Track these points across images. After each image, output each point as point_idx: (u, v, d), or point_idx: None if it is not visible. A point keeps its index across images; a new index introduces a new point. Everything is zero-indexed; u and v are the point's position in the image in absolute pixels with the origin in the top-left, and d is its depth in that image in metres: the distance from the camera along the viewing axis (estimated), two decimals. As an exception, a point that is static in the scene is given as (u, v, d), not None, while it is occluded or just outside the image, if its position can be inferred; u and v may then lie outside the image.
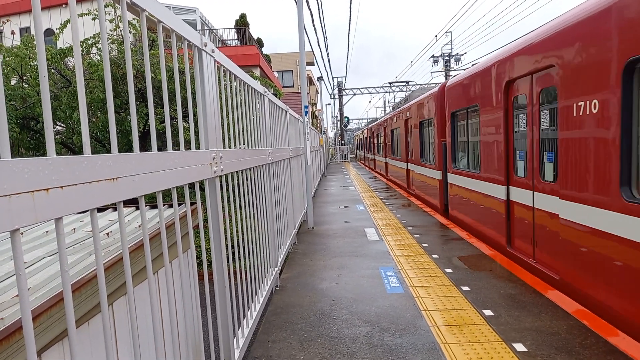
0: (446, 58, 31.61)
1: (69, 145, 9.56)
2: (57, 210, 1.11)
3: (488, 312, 3.86)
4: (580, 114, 3.96)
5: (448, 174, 8.72)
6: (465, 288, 4.51)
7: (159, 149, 1.71)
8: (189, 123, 2.78)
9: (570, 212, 4.17)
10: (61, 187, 1.12)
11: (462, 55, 31.83)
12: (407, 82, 35.15)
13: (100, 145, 9.39)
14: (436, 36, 28.48)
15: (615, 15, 3.49)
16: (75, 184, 1.17)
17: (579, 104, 3.97)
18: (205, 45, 2.44)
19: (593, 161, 3.81)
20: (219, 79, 2.82)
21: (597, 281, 3.82)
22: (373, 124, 28.07)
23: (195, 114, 2.35)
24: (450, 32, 41.94)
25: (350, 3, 16.39)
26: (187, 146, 2.10)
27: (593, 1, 3.83)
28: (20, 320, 1.63)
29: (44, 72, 1.12)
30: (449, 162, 8.57)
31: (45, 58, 1.14)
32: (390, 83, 35.36)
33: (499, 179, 5.96)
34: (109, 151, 1.44)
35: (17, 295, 1.95)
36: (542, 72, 4.81)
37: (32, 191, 1.03)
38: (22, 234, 3.19)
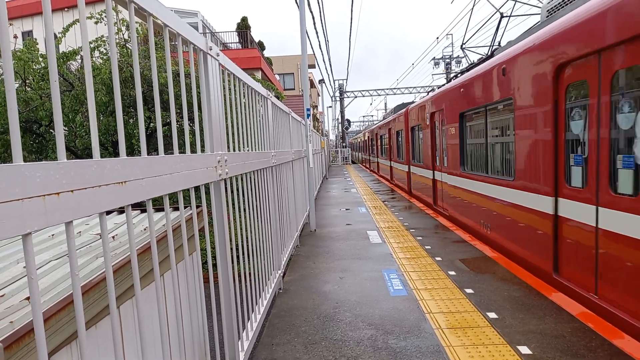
0: (447, 60, 31.58)
1: (71, 149, 9.58)
2: (68, 214, 1.11)
3: (492, 315, 3.86)
4: (449, 133, 8.52)
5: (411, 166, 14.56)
6: (469, 290, 4.50)
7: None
8: (193, 126, 2.78)
9: (449, 180, 8.69)
10: (71, 190, 1.13)
11: (463, 57, 31.79)
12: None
13: (103, 148, 9.41)
14: (437, 38, 28.51)
15: (450, 95, 8.32)
16: (85, 188, 1.18)
17: (450, 128, 8.49)
18: (210, 49, 2.45)
19: (453, 155, 8.31)
20: (223, 82, 2.84)
21: (457, 210, 8.23)
22: (368, 129, 33.11)
23: (200, 117, 2.36)
24: (451, 34, 41.90)
25: (352, 6, 16.44)
26: (192, 149, 2.11)
27: (450, 84, 8.64)
28: (29, 324, 1.64)
29: (54, 76, 1.13)
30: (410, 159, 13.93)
31: (55, 63, 1.15)
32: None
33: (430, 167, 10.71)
34: (111, 154, 1.45)
35: (26, 299, 1.96)
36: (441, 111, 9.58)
37: (44, 195, 1.03)
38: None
